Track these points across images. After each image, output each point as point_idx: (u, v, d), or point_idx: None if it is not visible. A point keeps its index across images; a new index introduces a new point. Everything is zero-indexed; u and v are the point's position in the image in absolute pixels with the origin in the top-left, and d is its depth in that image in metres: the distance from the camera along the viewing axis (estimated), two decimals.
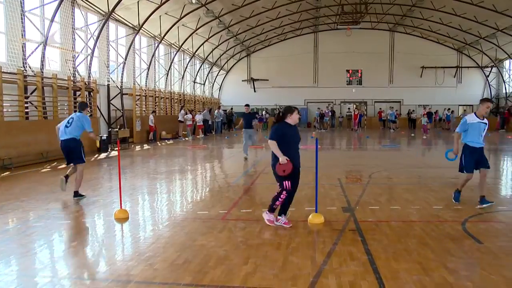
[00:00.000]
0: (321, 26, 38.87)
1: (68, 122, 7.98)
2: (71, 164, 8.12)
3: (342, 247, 5.13)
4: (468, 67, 39.77)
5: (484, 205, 6.91)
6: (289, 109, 5.84)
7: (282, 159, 5.60)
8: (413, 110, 37.45)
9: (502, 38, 32.49)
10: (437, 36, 37.97)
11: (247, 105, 14.56)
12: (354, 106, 38.88)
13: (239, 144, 21.52)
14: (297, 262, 4.67)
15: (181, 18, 24.78)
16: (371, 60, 39.66)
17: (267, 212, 6.12)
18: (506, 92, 38.21)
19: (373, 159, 14.75)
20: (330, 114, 36.48)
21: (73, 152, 7.97)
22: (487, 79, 40.00)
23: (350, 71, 40.66)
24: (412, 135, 28.44)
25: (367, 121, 38.14)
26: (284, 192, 5.83)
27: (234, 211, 7.04)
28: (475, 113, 7.12)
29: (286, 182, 5.76)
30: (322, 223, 6.13)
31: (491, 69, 39.50)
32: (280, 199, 5.87)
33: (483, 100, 7.13)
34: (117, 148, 12.08)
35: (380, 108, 38.50)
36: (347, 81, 40.76)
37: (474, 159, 7.03)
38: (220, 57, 37.48)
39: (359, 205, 7.30)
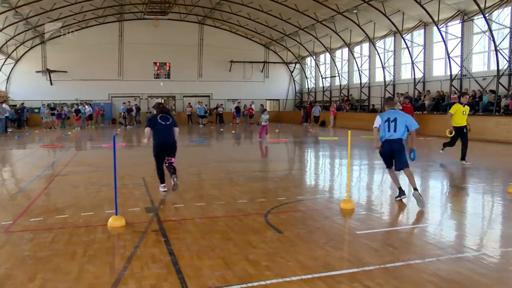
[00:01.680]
0: (127, 14, 37.84)
1: None
2: None
3: (144, 249, 5.08)
4: (274, 62, 43.77)
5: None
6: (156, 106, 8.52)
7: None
8: (221, 104, 39.40)
9: (304, 36, 36.85)
10: (246, 31, 40.83)
11: None
12: (162, 101, 39.07)
13: (32, 144, 19.61)
14: (94, 271, 4.45)
15: None
16: (180, 53, 40.32)
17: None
18: (308, 88, 43.49)
19: (180, 155, 15.03)
20: (135, 109, 35.90)
21: None
22: (291, 75, 44.79)
23: (158, 64, 40.65)
24: (221, 130, 30.00)
25: (175, 116, 38.71)
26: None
27: (21, 220, 6.35)
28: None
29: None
30: (123, 226, 5.98)
31: (295, 65, 44.42)
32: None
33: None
34: None
35: (189, 103, 39.47)
36: (154, 75, 40.68)
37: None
38: (6, 43, 33.23)
39: (163, 204, 7.35)
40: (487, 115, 21.36)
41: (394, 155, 7.45)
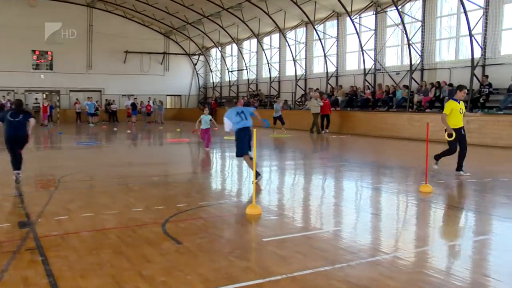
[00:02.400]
0: None
1: None
2: None
3: (14, 273, 4.75)
4: (175, 54, 43.43)
5: None
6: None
7: None
8: (113, 100, 38.15)
9: (208, 25, 36.88)
10: (142, 17, 40.05)
11: None
12: (44, 96, 37.06)
13: None
14: None
15: None
16: (65, 40, 38.25)
17: None
18: (213, 82, 43.60)
19: (66, 159, 14.48)
20: (9, 105, 33.68)
21: None
22: (195, 68, 44.69)
23: (37, 53, 38.39)
24: (115, 129, 29.17)
25: (60, 114, 36.96)
26: None
27: None
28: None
29: None
30: None
31: (199, 57, 44.36)
32: None
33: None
34: None
35: (77, 99, 37.81)
36: (33, 65, 38.39)
37: None
38: None
39: (42, 217, 6.96)
40: (401, 111, 22.87)
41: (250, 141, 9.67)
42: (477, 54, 20.26)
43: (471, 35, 19.89)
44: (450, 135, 10.37)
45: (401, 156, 15.56)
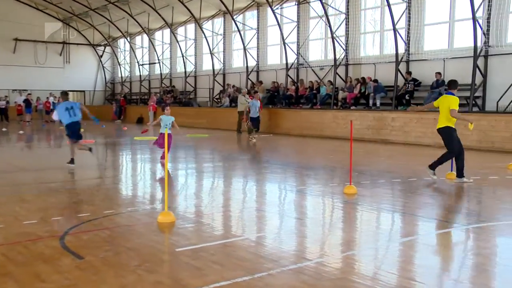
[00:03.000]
0: None
1: None
2: None
3: None
4: (77, 44, 42.04)
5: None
6: None
7: None
8: (6, 96, 36.49)
9: (115, 12, 35.99)
10: (36, 0, 38.39)
11: None
12: None
13: None
14: None
15: None
16: None
17: None
18: (121, 76, 42.62)
19: None
20: None
21: None
22: (100, 60, 43.48)
23: None
24: (4, 129, 27.84)
25: None
26: None
27: None
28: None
29: None
30: None
31: (105, 49, 43.19)
32: None
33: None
34: None
35: None
36: None
37: None
38: None
39: None
40: (325, 108, 23.52)
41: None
42: (402, 49, 21.27)
43: (395, 30, 20.85)
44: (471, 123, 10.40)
45: (326, 156, 15.98)
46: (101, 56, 43.43)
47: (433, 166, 10.51)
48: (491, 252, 5.87)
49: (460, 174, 10.31)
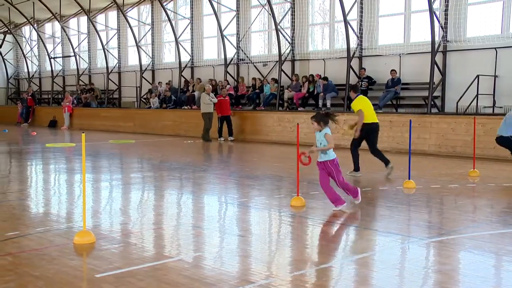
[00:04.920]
0: None
1: None
2: None
3: None
4: None
5: None
6: None
7: None
8: None
9: None
10: None
11: None
12: None
13: None
14: None
15: None
16: None
17: None
18: (28, 71, 41.35)
19: None
20: None
21: None
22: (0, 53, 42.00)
23: None
24: None
25: None
26: None
27: None
28: None
29: None
30: None
31: (5, 37, 41.58)
32: None
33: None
34: None
35: None
36: None
37: None
38: None
39: None
40: (269, 110, 23.69)
41: None
42: (354, 43, 21.71)
43: (346, 21, 21.24)
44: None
45: (271, 163, 16.08)
46: (0, 46, 41.70)
47: (385, 162, 12.43)
48: (452, 268, 6.05)
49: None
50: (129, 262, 6.19)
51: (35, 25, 39.03)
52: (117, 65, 33.90)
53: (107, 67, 33.92)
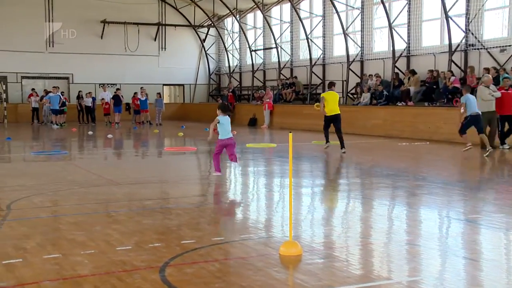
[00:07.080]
0: None
1: None
2: None
3: None
4: (175, 25, 43.21)
5: None
6: None
7: None
8: (89, 93, 37.84)
9: None
10: None
11: None
12: None
13: None
14: None
15: None
16: (11, 2, 38.42)
17: None
18: (229, 66, 42.95)
19: (17, 176, 14.59)
20: None
21: None
22: (203, 45, 44.14)
23: None
24: (90, 133, 29.55)
25: (8, 110, 36.51)
26: None
27: None
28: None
29: None
30: None
31: (208, 30, 43.84)
32: None
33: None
34: None
35: (34, 90, 37.89)
36: None
37: None
38: None
39: None
40: None
41: None
42: None
43: None
44: None
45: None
46: (204, 40, 44.04)
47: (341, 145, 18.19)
48: None
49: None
50: (338, 280, 6.26)
51: (238, 15, 40.76)
52: (321, 56, 34.17)
53: (310, 59, 34.34)
